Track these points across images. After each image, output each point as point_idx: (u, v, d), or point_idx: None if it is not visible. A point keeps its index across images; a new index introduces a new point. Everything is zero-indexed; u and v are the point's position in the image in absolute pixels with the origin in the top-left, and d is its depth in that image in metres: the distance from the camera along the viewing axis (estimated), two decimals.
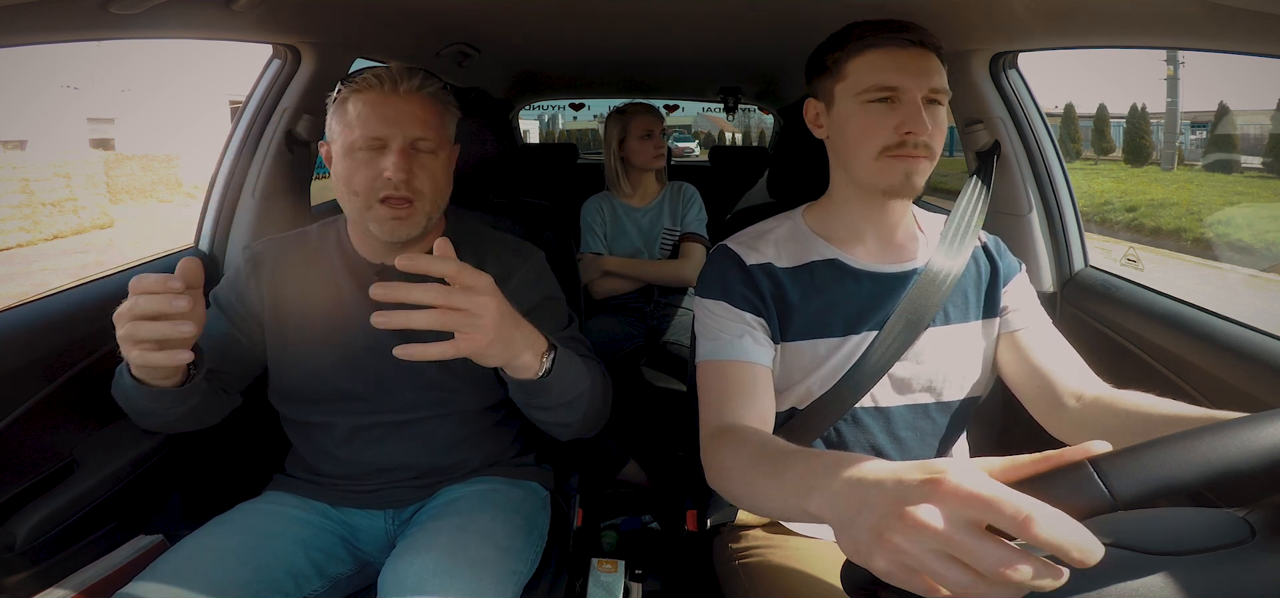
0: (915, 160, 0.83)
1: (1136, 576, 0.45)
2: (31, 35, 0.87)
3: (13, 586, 0.93)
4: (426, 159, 0.93)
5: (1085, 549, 0.38)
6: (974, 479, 0.41)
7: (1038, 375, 0.88)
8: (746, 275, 0.89)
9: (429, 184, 0.94)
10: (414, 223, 0.94)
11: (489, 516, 0.95)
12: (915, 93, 0.82)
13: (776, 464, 0.63)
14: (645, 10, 1.54)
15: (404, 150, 0.91)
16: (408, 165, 0.91)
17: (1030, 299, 0.95)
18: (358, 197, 0.92)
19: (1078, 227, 1.38)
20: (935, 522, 0.41)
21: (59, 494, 0.99)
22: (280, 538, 0.93)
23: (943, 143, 0.86)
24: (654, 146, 2.14)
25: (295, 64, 1.41)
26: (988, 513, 0.40)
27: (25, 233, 9.94)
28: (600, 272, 2.08)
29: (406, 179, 0.90)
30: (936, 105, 0.85)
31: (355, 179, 0.92)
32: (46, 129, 13.71)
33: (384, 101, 0.91)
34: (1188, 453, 0.42)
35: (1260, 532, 0.46)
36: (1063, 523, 0.38)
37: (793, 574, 0.89)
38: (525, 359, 0.78)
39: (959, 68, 1.35)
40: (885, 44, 0.84)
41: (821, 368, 0.89)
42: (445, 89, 0.99)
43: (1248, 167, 13.81)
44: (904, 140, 0.83)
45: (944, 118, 0.86)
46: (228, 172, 1.43)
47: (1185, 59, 13.32)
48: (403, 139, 0.91)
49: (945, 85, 0.85)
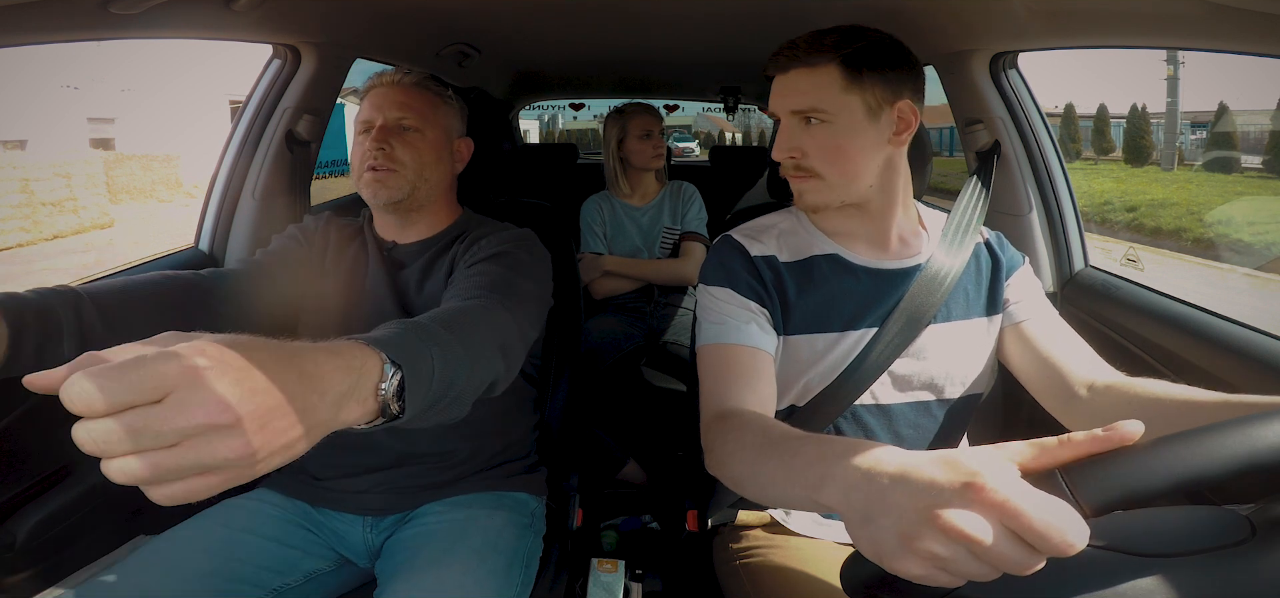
0: (799, 180, 0.88)
1: (1137, 576, 0.45)
2: (31, 35, 0.87)
3: (13, 586, 0.94)
4: (411, 136, 1.04)
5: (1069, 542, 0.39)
6: (1012, 489, 0.40)
7: (1048, 366, 0.87)
8: (751, 265, 0.89)
9: (411, 157, 1.03)
10: (395, 186, 1.03)
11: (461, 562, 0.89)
12: (785, 117, 0.87)
13: (784, 450, 0.60)
14: (645, 10, 1.54)
15: (385, 127, 1.03)
16: (386, 139, 1.02)
17: (1035, 291, 0.94)
18: (355, 169, 1.05)
19: (1078, 226, 1.38)
20: (977, 532, 0.40)
21: (59, 494, 1.00)
22: (254, 533, 0.93)
23: (835, 161, 0.84)
24: (653, 146, 2.14)
25: (295, 64, 1.41)
26: (1022, 528, 0.39)
27: (25, 233, 9.94)
28: (600, 271, 2.07)
29: (382, 149, 1.02)
30: (817, 124, 0.84)
31: (355, 156, 1.06)
32: (46, 129, 13.70)
33: (377, 93, 1.06)
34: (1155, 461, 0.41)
35: (1262, 530, 0.46)
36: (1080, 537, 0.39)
37: (793, 574, 0.88)
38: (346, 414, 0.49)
39: (959, 68, 1.35)
40: (772, 71, 0.89)
41: (821, 363, 0.89)
42: (440, 83, 1.10)
43: (1248, 166, 13.81)
44: (784, 163, 0.88)
45: (828, 134, 0.84)
46: (228, 171, 1.43)
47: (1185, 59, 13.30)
48: (384, 119, 1.04)
49: (815, 102, 0.83)
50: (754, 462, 0.65)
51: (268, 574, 0.91)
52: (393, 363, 0.53)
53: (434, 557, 0.89)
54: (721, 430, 0.75)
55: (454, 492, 1.02)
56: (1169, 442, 0.42)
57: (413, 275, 1.05)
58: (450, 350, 0.63)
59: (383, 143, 1.02)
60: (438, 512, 0.99)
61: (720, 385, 0.83)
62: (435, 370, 0.59)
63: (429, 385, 0.57)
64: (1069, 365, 0.85)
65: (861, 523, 0.46)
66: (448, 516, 0.98)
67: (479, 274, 0.92)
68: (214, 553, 0.88)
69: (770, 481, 0.62)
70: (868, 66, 0.83)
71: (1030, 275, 0.96)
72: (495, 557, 0.93)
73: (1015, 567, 0.40)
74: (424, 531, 0.96)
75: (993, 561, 0.40)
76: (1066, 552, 0.39)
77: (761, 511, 1.00)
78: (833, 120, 0.84)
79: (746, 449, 0.68)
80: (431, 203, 1.09)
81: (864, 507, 0.46)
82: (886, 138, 0.85)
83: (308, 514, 1.00)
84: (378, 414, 0.52)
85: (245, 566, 0.89)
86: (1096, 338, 1.17)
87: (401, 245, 1.09)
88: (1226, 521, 0.48)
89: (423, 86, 1.08)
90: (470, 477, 1.04)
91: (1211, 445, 0.41)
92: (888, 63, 0.84)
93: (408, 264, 1.07)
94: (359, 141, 1.06)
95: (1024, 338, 0.90)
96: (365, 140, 1.04)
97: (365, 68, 1.62)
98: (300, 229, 1.13)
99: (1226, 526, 0.47)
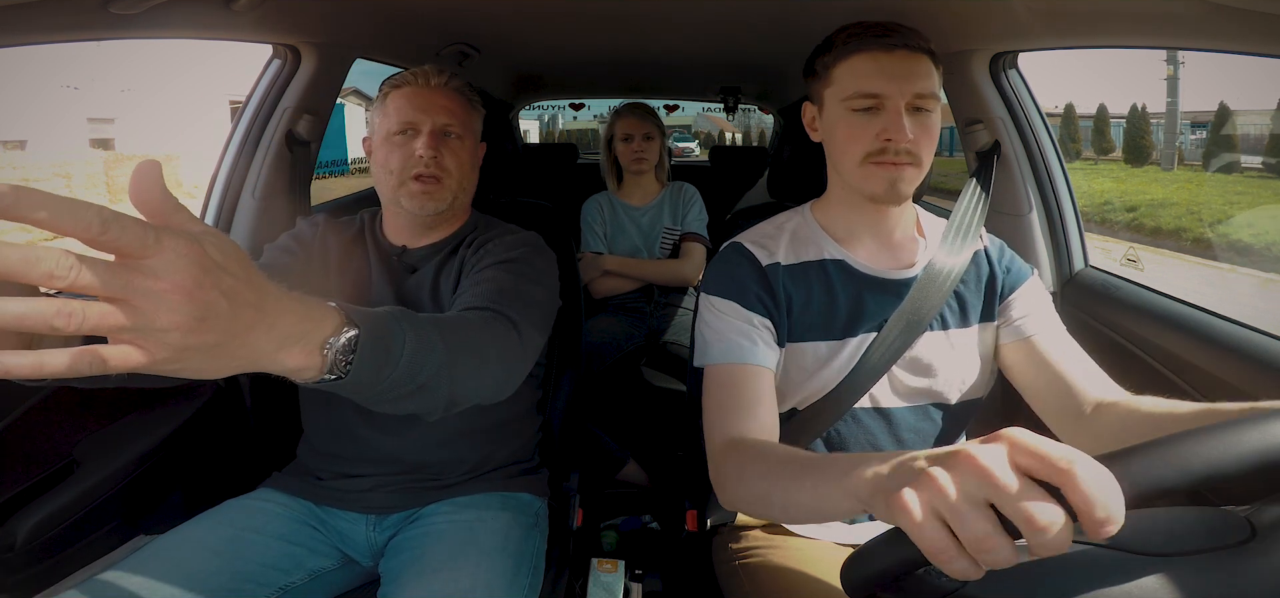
0: (898, 168, 0.83)
1: (1137, 576, 0.45)
2: (31, 35, 0.87)
3: (13, 586, 0.94)
4: (454, 143, 1.03)
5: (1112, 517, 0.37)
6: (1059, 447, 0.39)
7: (1053, 384, 0.85)
8: (761, 276, 0.89)
9: (455, 165, 1.02)
10: (441, 197, 1.01)
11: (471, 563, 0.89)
12: (898, 100, 0.81)
13: (807, 462, 0.62)
14: (645, 11, 1.54)
15: (434, 133, 1.01)
16: (436, 146, 1.01)
17: (1043, 305, 0.92)
18: (392, 176, 1.01)
19: (1078, 226, 1.38)
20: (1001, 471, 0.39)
21: (59, 494, 0.99)
22: (259, 531, 0.93)
23: (932, 149, 0.84)
24: (632, 150, 2.14)
25: (295, 64, 1.41)
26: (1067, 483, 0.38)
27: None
28: (600, 271, 2.08)
29: (435, 157, 1.00)
30: (923, 112, 0.83)
31: (392, 160, 1.01)
32: (46, 129, 13.72)
33: (418, 94, 1.02)
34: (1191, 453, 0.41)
35: (1261, 530, 0.46)
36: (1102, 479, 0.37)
37: (792, 574, 0.88)
38: (288, 356, 0.49)
39: (959, 68, 1.35)
40: (870, 47, 0.83)
41: (823, 370, 0.89)
42: (470, 87, 1.09)
43: (1248, 166, 13.81)
44: (885, 147, 0.82)
45: (933, 123, 0.84)
46: (228, 171, 1.43)
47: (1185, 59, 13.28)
48: (433, 124, 1.01)
49: (933, 90, 0.83)
50: (776, 479, 0.66)
51: (274, 573, 0.91)
52: (351, 324, 0.54)
53: (443, 558, 0.89)
54: (735, 461, 0.75)
55: (460, 492, 1.02)
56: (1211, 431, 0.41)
57: (425, 279, 1.03)
58: (426, 340, 0.63)
59: (434, 149, 1.00)
60: (445, 512, 0.98)
61: (728, 411, 0.82)
62: (404, 351, 0.59)
63: (387, 360, 0.58)
64: (1074, 384, 0.83)
65: (880, 488, 0.47)
66: (455, 516, 0.97)
67: (488, 281, 0.92)
68: (221, 552, 0.88)
69: (791, 494, 0.63)
70: (936, 65, 0.84)
71: (1038, 289, 0.93)
72: (503, 558, 0.92)
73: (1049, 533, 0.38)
74: (432, 531, 0.96)
75: (997, 491, 0.39)
76: (1104, 523, 0.37)
77: None
78: (934, 110, 0.84)
79: (762, 477, 0.68)
80: (461, 210, 1.09)
81: (902, 476, 0.47)
82: None
83: (312, 512, 1.00)
84: (322, 369, 0.52)
85: (252, 565, 0.89)
86: (1096, 338, 1.18)
87: (412, 249, 1.07)
88: (1226, 521, 0.47)
89: (462, 92, 1.06)
90: (477, 477, 1.04)
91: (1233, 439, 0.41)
92: (938, 63, 0.85)
93: (419, 268, 1.05)
94: (396, 144, 1.01)
95: (1030, 353, 0.88)
96: (407, 144, 1.01)
97: (364, 68, 1.62)
98: (294, 237, 1.08)
99: (1226, 526, 0.47)
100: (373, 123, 1.07)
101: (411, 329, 0.62)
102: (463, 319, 0.79)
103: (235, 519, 0.94)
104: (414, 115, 1.01)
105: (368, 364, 0.55)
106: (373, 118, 1.07)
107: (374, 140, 1.06)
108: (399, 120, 1.01)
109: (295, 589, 0.93)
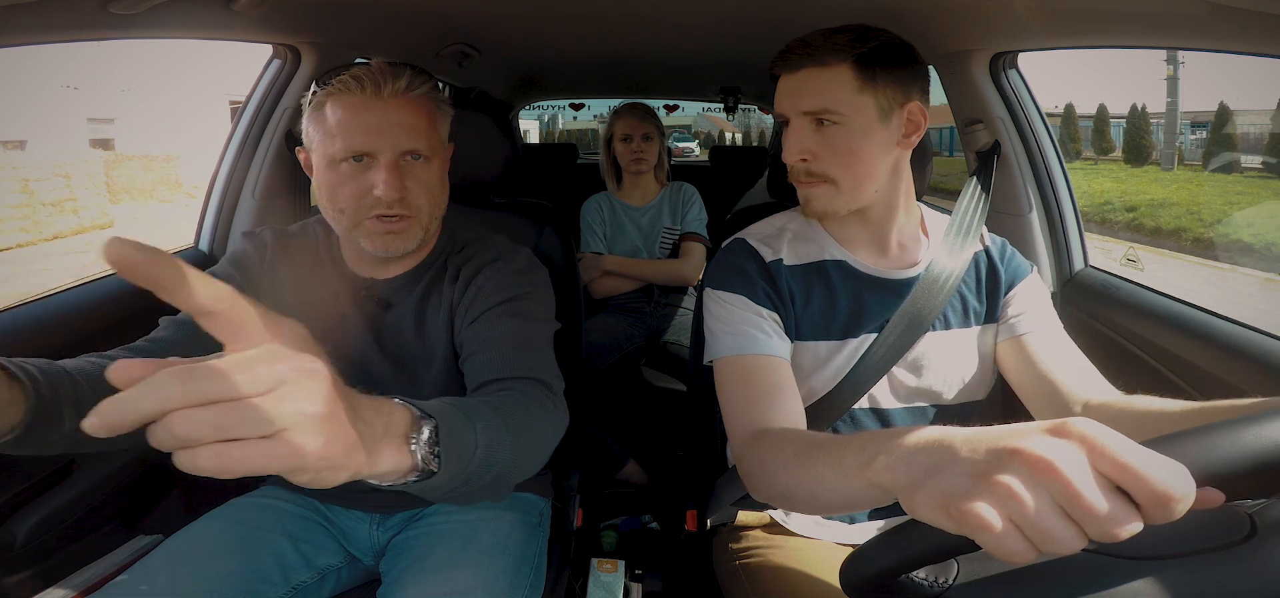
0: (806, 186, 0.85)
1: (1137, 576, 0.45)
2: (31, 35, 0.87)
3: (13, 586, 0.93)
4: (419, 169, 0.85)
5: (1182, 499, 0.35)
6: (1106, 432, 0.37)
7: (1043, 381, 0.84)
8: (766, 271, 0.88)
9: (425, 197, 0.86)
10: (410, 236, 0.86)
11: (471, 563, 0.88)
12: (795, 119, 0.83)
13: (829, 448, 0.58)
14: (645, 11, 1.54)
15: (393, 165, 0.81)
16: (399, 181, 0.82)
17: (1040, 303, 0.91)
18: (345, 214, 0.84)
19: (1078, 226, 1.38)
20: (1068, 461, 0.36)
21: (59, 494, 0.99)
22: (269, 530, 0.93)
23: (848, 165, 0.82)
24: (632, 150, 2.14)
25: (295, 64, 1.41)
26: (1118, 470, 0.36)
27: (25, 233, 9.94)
28: (600, 271, 2.08)
29: (400, 197, 0.82)
30: (830, 125, 0.81)
31: (340, 195, 0.83)
32: (46, 129, 13.72)
33: (367, 107, 0.81)
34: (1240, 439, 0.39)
35: (1262, 529, 0.46)
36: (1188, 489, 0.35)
37: (792, 574, 0.88)
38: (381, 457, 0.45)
39: (959, 68, 1.35)
40: (780, 70, 0.85)
41: (823, 370, 0.88)
42: (435, 86, 0.89)
43: (1248, 166, 13.83)
44: (793, 167, 0.84)
45: (842, 136, 0.81)
46: (227, 172, 1.43)
47: (1185, 59, 13.32)
48: (392, 152, 0.82)
49: (829, 102, 0.80)
50: (799, 469, 0.63)
51: (288, 571, 0.91)
52: (424, 414, 0.49)
53: (444, 558, 0.89)
54: (759, 451, 0.72)
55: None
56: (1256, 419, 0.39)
57: (406, 317, 0.92)
58: (493, 426, 0.58)
59: (397, 184, 0.81)
60: (448, 512, 0.98)
61: (749, 404, 0.79)
62: (478, 439, 0.55)
63: (464, 451, 0.53)
64: (1063, 382, 0.82)
65: (925, 479, 0.42)
66: (458, 516, 0.97)
67: (501, 338, 0.83)
68: (238, 552, 0.87)
69: (819, 478, 0.59)
70: (881, 66, 0.80)
71: (1036, 287, 0.93)
72: (504, 558, 0.92)
73: (1107, 521, 0.36)
74: (434, 531, 0.95)
75: (1083, 509, 0.36)
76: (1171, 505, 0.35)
77: (761, 511, 1.00)
78: (846, 122, 0.81)
79: (790, 459, 0.65)
80: (432, 235, 0.93)
81: (928, 463, 0.43)
82: (896, 140, 0.84)
83: (317, 510, 1.00)
84: (413, 468, 0.47)
85: (267, 563, 0.89)
86: (1096, 338, 1.18)
87: (383, 281, 0.92)
88: (1227, 519, 0.47)
89: (423, 98, 0.86)
90: None
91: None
92: (899, 63, 0.82)
93: (396, 303, 0.92)
94: (345, 175, 0.82)
95: (1022, 351, 0.88)
96: (360, 176, 0.82)
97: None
98: (233, 262, 0.91)
99: (1227, 524, 0.47)
100: (309, 135, 0.86)
101: (476, 419, 0.56)
102: (510, 401, 0.71)
103: (246, 518, 0.94)
104: (367, 140, 0.80)
105: (454, 457, 0.50)
106: (308, 128, 0.86)
107: (312, 158, 0.86)
108: (346, 145, 0.81)
109: (306, 587, 0.93)
